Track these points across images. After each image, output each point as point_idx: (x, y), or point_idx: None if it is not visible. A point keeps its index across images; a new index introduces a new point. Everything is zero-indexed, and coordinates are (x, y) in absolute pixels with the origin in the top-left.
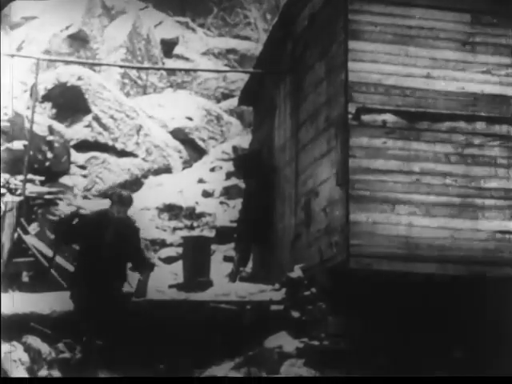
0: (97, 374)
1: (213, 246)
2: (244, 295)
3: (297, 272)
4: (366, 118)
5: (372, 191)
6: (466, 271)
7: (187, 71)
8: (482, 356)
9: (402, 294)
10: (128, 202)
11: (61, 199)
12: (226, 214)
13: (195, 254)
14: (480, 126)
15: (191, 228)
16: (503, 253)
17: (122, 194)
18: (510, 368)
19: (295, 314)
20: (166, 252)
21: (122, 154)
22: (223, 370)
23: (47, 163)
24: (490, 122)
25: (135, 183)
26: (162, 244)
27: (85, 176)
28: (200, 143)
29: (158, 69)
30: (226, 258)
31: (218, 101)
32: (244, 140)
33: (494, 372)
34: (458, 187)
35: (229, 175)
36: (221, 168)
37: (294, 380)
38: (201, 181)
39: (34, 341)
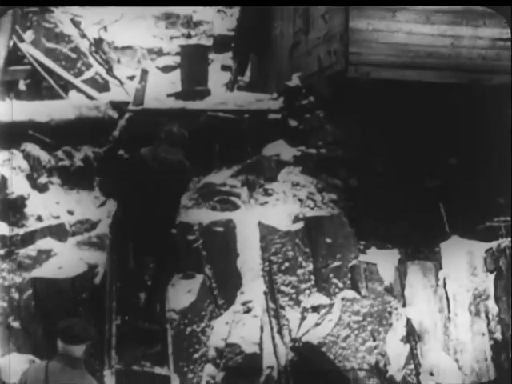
0: (93, 184)
1: (210, 55)
2: (242, 104)
3: (295, 81)
4: None
5: None
6: (464, 79)
7: None
8: (475, 163)
9: (400, 103)
10: (180, 140)
11: (56, 6)
12: (223, 22)
13: (193, 63)
14: None
15: (188, 37)
16: (502, 61)
17: (172, 130)
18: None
19: (293, 123)
20: (163, 61)
21: None
22: (221, 177)
23: None
24: None
25: None
26: (160, 53)
27: None
28: None
29: None
30: (224, 67)
31: None
32: None
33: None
34: None
35: None
36: None
37: None
38: None
39: (33, 148)
